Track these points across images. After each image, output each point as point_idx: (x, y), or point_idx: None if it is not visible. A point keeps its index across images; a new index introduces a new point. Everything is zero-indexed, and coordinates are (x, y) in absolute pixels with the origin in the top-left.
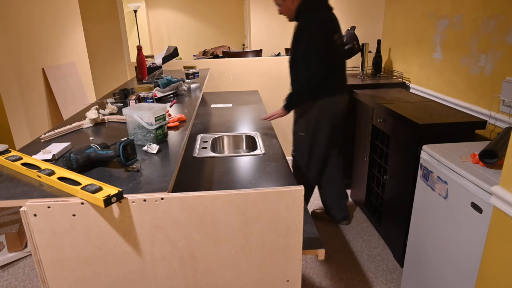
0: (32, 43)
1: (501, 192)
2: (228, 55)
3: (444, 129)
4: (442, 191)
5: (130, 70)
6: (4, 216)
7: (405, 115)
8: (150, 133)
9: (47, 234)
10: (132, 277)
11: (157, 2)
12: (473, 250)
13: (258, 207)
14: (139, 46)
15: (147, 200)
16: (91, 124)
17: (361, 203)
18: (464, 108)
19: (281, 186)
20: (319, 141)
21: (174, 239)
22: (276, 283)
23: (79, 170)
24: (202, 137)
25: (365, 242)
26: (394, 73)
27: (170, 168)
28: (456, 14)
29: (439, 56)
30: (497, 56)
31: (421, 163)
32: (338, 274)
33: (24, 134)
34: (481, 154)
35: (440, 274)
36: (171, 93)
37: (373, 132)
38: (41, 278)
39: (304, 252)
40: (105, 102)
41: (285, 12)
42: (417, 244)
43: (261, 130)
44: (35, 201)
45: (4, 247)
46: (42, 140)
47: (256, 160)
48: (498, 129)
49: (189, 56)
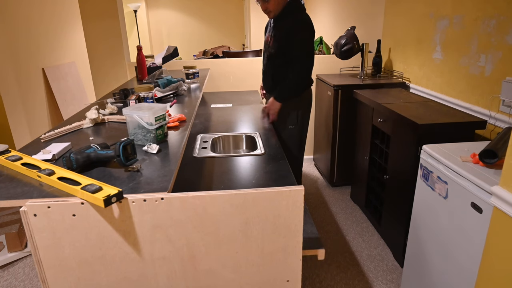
0: (32, 43)
1: (501, 192)
2: (228, 55)
3: (444, 129)
4: (442, 191)
5: (130, 70)
6: (4, 216)
7: (405, 115)
8: (150, 133)
9: (47, 234)
10: (132, 277)
11: (157, 2)
12: (473, 250)
13: (258, 207)
14: (139, 46)
15: (147, 200)
16: (91, 124)
17: (361, 203)
18: (464, 108)
19: (281, 186)
20: (305, 131)
21: (174, 239)
22: (276, 283)
23: (79, 170)
24: (202, 137)
25: (365, 242)
26: (394, 73)
27: (170, 168)
28: (456, 14)
29: (439, 56)
30: (497, 56)
31: (421, 163)
32: (338, 274)
33: (24, 134)
34: (481, 154)
35: (440, 274)
36: (171, 93)
37: (373, 132)
38: (41, 278)
39: (304, 252)
40: (105, 102)
41: (272, 8)
42: (417, 244)
43: (261, 130)
44: (35, 201)
45: (4, 247)
46: (42, 140)
47: (256, 160)
48: (498, 129)
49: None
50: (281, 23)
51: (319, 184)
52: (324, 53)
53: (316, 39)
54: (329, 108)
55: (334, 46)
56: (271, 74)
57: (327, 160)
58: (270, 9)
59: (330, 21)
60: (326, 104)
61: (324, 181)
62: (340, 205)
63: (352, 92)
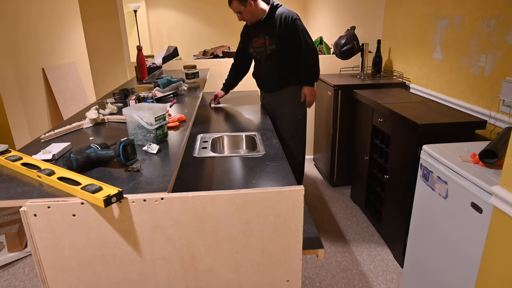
0: (32, 43)
1: (501, 192)
2: (228, 55)
3: (444, 129)
4: (442, 191)
5: (130, 70)
6: (4, 216)
7: (405, 115)
8: (150, 133)
9: (47, 234)
10: (132, 277)
11: (157, 2)
12: (473, 250)
13: (258, 207)
14: (139, 46)
15: (147, 200)
16: (91, 124)
17: (361, 203)
18: (464, 108)
19: (281, 186)
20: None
21: (174, 239)
22: (276, 283)
23: (79, 170)
24: (202, 137)
25: (365, 242)
26: (394, 73)
27: (170, 168)
28: (456, 14)
29: (439, 56)
30: (497, 56)
31: (421, 163)
32: (338, 274)
33: (24, 134)
34: (481, 154)
35: (440, 274)
36: (171, 93)
37: (373, 132)
38: (41, 278)
39: (304, 252)
40: (105, 102)
41: (248, 16)
42: (417, 244)
43: (261, 130)
44: (35, 201)
45: (4, 247)
46: (42, 140)
47: (256, 160)
48: (498, 129)
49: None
50: (268, 22)
51: (319, 184)
52: (324, 53)
53: (316, 39)
54: (329, 108)
55: (334, 46)
56: (276, 71)
57: (327, 160)
58: (246, 18)
59: (330, 21)
60: (326, 104)
61: (324, 181)
62: (340, 205)
63: (352, 92)
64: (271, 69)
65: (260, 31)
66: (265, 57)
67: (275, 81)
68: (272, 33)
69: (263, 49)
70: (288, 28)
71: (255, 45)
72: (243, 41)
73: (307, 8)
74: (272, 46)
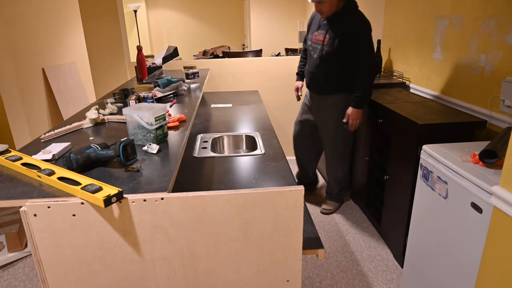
0: (32, 43)
1: (501, 192)
2: (228, 55)
3: (444, 129)
4: (442, 191)
5: (130, 70)
6: (4, 216)
7: (405, 115)
8: (150, 133)
9: (47, 234)
10: (132, 277)
11: (157, 2)
12: (473, 250)
13: (258, 207)
14: (139, 46)
15: (147, 200)
16: (91, 124)
17: (361, 203)
18: (464, 108)
19: (281, 186)
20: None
21: (174, 239)
22: (276, 283)
23: (79, 170)
24: (202, 137)
25: (365, 242)
26: (394, 73)
27: (170, 168)
28: (456, 14)
29: (439, 56)
30: (497, 56)
31: (421, 163)
32: (338, 274)
33: (24, 134)
34: (481, 154)
35: (440, 274)
36: (171, 93)
37: (373, 132)
38: (41, 278)
39: (304, 252)
40: (105, 102)
41: (326, 9)
42: (417, 244)
43: (261, 130)
44: (35, 201)
45: (4, 247)
46: (42, 140)
47: (256, 160)
48: (498, 129)
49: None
50: (337, 22)
51: (319, 184)
52: None
53: None
54: None
55: None
56: (325, 73)
57: None
58: (324, 10)
59: None
60: None
61: (324, 181)
62: None
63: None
64: (320, 69)
65: (323, 27)
66: (318, 55)
67: (322, 82)
68: (334, 34)
69: (320, 47)
70: (354, 39)
71: (314, 40)
72: (308, 29)
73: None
74: (328, 48)
